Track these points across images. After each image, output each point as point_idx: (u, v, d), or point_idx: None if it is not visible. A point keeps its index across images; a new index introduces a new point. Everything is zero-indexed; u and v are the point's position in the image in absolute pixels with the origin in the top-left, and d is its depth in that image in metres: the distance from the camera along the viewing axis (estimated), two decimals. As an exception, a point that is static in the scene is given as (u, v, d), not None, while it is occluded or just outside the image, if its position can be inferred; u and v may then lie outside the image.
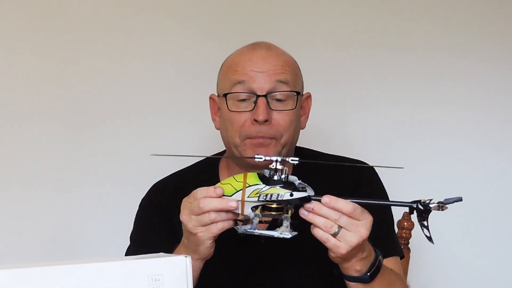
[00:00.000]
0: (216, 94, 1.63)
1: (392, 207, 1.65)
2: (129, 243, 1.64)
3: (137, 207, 1.67)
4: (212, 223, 1.31)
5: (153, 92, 2.23)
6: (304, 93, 1.64)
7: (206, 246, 1.35)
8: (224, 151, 1.69)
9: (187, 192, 1.38)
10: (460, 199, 1.27)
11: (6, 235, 2.15)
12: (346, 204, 1.29)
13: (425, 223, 1.29)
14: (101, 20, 2.21)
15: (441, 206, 1.27)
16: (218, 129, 1.64)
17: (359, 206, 1.30)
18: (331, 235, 1.29)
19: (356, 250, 1.32)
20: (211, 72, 1.67)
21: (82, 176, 2.19)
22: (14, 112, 2.18)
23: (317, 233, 1.30)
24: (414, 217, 1.84)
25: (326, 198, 1.29)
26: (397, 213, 1.75)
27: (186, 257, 1.14)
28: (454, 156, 2.28)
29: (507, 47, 2.30)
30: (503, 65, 2.29)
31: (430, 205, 1.28)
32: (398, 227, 1.84)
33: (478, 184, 2.28)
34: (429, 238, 1.29)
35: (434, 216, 1.30)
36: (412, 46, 2.29)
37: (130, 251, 1.61)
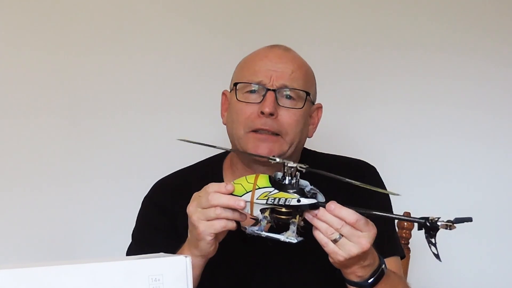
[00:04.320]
0: (229, 90, 1.64)
1: (394, 207, 1.66)
2: (130, 241, 1.65)
3: (138, 207, 1.67)
4: (216, 218, 1.32)
5: (158, 91, 2.22)
6: (316, 103, 1.65)
7: (207, 242, 1.35)
8: (228, 151, 1.69)
9: (189, 191, 1.38)
10: (470, 220, 1.26)
11: (6, 235, 2.15)
12: (349, 214, 1.29)
13: (432, 240, 1.28)
14: (109, 17, 2.21)
15: (449, 225, 1.26)
16: (225, 124, 1.64)
17: (364, 217, 1.30)
18: (331, 241, 1.30)
19: (356, 259, 1.32)
20: (220, 72, 1.68)
21: (82, 175, 2.19)
22: (14, 109, 2.17)
23: (318, 235, 1.31)
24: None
25: (331, 205, 1.30)
26: (398, 213, 1.75)
27: (186, 257, 1.14)
28: (457, 156, 2.28)
29: (509, 45, 2.30)
30: (504, 63, 2.29)
31: (438, 223, 1.27)
32: (398, 227, 1.84)
33: (481, 183, 2.28)
34: (437, 256, 1.28)
35: (434, 216, 1.30)
36: (415, 45, 2.29)
37: (132, 249, 1.62)
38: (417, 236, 1.89)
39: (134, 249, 1.60)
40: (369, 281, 1.37)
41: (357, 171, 1.61)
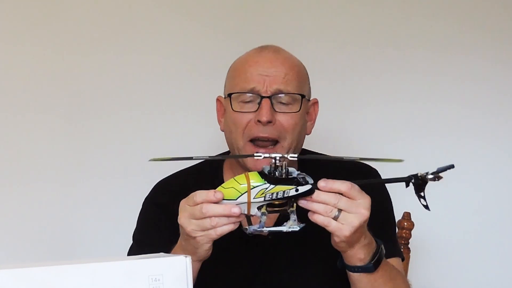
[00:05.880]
0: (223, 96, 1.64)
1: (394, 208, 1.66)
2: (130, 242, 1.64)
3: (138, 207, 1.67)
4: (212, 228, 1.31)
5: (158, 90, 2.22)
6: (311, 99, 1.64)
7: (205, 249, 1.35)
8: (227, 152, 1.69)
9: (190, 192, 1.37)
10: (452, 166, 1.32)
11: (6, 235, 2.15)
12: (342, 184, 1.30)
13: (421, 194, 1.32)
14: (107, 15, 2.21)
15: (436, 176, 1.32)
16: (223, 131, 1.64)
17: (356, 185, 1.31)
18: (332, 219, 1.30)
19: (358, 233, 1.32)
20: (218, 72, 1.68)
21: (82, 175, 2.19)
22: (14, 107, 2.17)
23: (318, 218, 1.31)
24: (414, 217, 1.87)
25: (321, 183, 1.30)
26: (398, 213, 1.75)
27: (186, 257, 1.14)
28: (456, 155, 2.28)
29: (509, 44, 2.30)
30: (504, 62, 2.29)
31: (428, 177, 1.32)
32: (398, 227, 1.84)
33: (479, 183, 2.28)
34: (426, 207, 1.32)
35: (434, 216, 1.31)
36: (413, 44, 2.28)
37: (133, 251, 1.61)
38: (417, 236, 1.90)
39: (135, 250, 1.60)
40: (372, 262, 1.37)
41: (359, 174, 1.60)
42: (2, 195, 2.15)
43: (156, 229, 1.60)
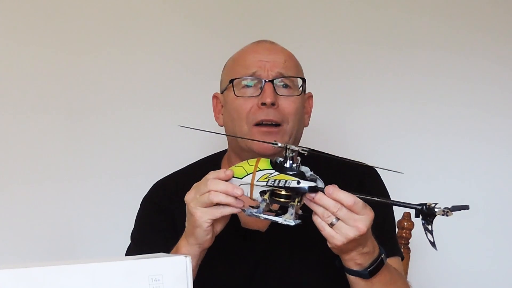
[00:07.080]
0: (220, 92, 1.64)
1: (394, 207, 1.66)
2: (129, 242, 1.65)
3: (138, 206, 1.68)
4: (210, 203, 1.32)
5: (158, 90, 2.23)
6: (306, 92, 1.65)
7: (204, 229, 1.35)
8: (224, 150, 1.69)
9: (187, 191, 1.38)
10: (467, 207, 1.26)
11: (6, 234, 2.15)
12: (347, 196, 1.29)
13: (429, 227, 1.28)
14: (107, 16, 2.21)
15: (446, 211, 1.26)
16: (221, 126, 1.65)
17: (361, 201, 1.30)
18: (328, 224, 1.30)
19: (354, 244, 1.32)
20: (216, 69, 1.68)
21: (82, 175, 2.19)
22: (14, 107, 2.17)
23: (315, 220, 1.32)
24: (414, 217, 1.86)
25: (330, 188, 1.30)
26: (397, 213, 1.75)
27: (186, 257, 1.14)
28: (454, 155, 2.28)
29: (509, 44, 2.29)
30: (504, 62, 2.29)
31: (435, 209, 1.27)
32: (398, 227, 1.84)
33: (479, 184, 2.28)
34: (433, 244, 1.28)
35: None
36: (412, 44, 2.29)
37: (131, 250, 1.62)
38: (417, 236, 1.90)
39: (134, 250, 1.60)
40: (368, 269, 1.37)
41: (357, 173, 1.60)
42: (2, 194, 2.15)
43: (153, 229, 1.61)
